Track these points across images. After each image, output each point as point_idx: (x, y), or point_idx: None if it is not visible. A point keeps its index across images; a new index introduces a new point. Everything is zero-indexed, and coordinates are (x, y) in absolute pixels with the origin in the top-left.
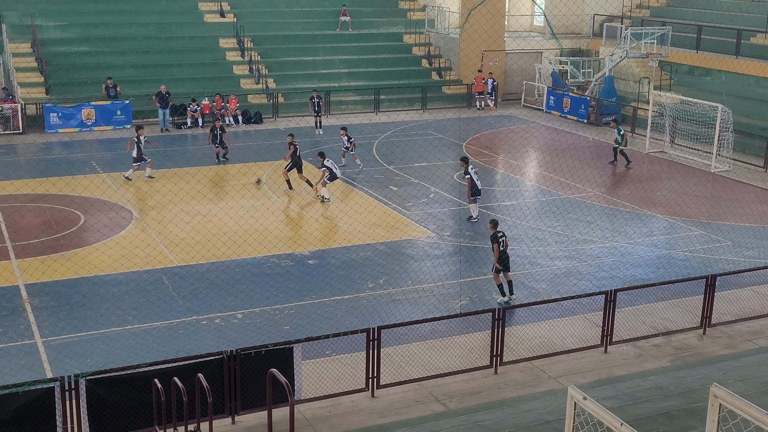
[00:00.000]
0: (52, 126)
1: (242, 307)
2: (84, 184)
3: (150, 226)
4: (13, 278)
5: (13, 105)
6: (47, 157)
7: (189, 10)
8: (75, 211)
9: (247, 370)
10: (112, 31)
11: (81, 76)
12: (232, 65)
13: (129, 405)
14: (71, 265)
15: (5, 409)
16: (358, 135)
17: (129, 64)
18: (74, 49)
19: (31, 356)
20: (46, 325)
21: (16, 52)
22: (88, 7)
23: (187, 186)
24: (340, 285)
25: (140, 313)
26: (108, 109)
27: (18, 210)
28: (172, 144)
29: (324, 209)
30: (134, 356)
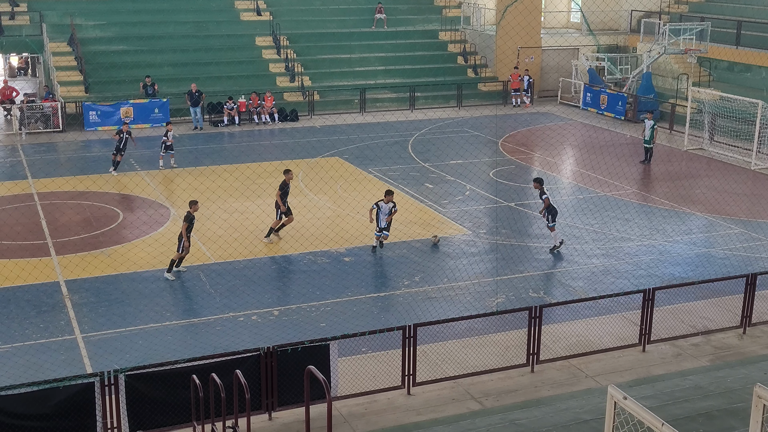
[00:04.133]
0: (91, 124)
1: (279, 304)
2: (123, 182)
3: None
4: (53, 275)
5: (53, 103)
6: (87, 155)
7: (226, 8)
8: (114, 208)
9: (283, 367)
10: (150, 30)
11: (119, 74)
12: (268, 63)
13: (167, 400)
14: (110, 262)
15: (46, 404)
16: (394, 132)
17: (166, 62)
18: (113, 47)
19: (72, 352)
20: (86, 320)
21: (56, 51)
22: (126, 6)
23: (224, 183)
24: (375, 282)
25: (178, 309)
26: (146, 107)
27: (58, 207)
28: (209, 142)
29: (359, 207)
30: (172, 352)
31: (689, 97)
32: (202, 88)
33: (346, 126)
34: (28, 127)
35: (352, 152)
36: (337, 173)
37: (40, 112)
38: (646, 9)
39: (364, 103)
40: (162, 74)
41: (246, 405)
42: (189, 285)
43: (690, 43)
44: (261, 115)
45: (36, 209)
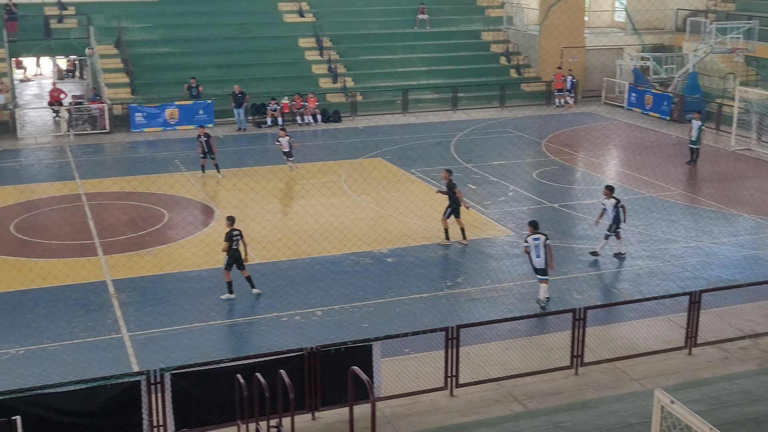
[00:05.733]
0: (137, 125)
1: (322, 304)
2: (168, 183)
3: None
4: (101, 274)
5: (100, 105)
6: (133, 156)
7: (269, 10)
8: (160, 208)
9: (327, 367)
10: (194, 32)
11: (165, 76)
12: (311, 64)
13: (212, 399)
14: (156, 262)
15: (94, 401)
16: (436, 133)
17: (211, 64)
18: (158, 50)
19: (118, 350)
20: (132, 319)
21: (103, 53)
22: (171, 9)
23: (268, 184)
24: (418, 283)
25: (222, 308)
26: (191, 108)
27: (106, 207)
28: (252, 143)
29: (402, 207)
30: (217, 351)
31: (736, 97)
32: (245, 90)
33: (388, 127)
34: (76, 129)
35: (395, 153)
36: (380, 174)
37: (88, 113)
38: (692, 7)
39: (407, 103)
40: (206, 76)
41: (290, 405)
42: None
43: (737, 42)
44: (304, 116)
45: (84, 210)
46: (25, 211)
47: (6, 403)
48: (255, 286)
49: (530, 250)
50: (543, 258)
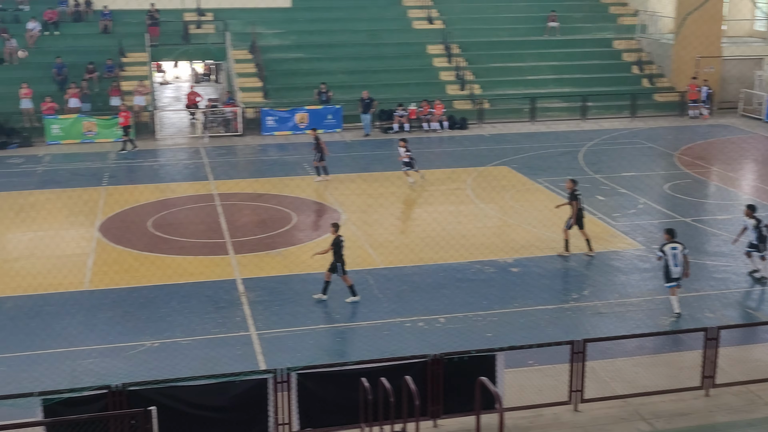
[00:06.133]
0: (268, 129)
1: (445, 311)
2: (297, 185)
3: (357, 227)
4: (231, 272)
5: (234, 108)
6: (263, 159)
7: (398, 17)
8: (288, 210)
9: (449, 375)
10: (326, 39)
11: (296, 81)
12: (439, 71)
13: (337, 401)
14: (284, 262)
15: (223, 396)
16: (564, 142)
17: (340, 69)
18: (290, 55)
19: (246, 347)
20: (260, 318)
21: (238, 58)
22: (304, 16)
23: (394, 189)
24: (543, 294)
25: (347, 311)
26: (320, 113)
27: (237, 208)
28: (379, 148)
29: (528, 217)
30: (341, 353)
31: None
32: (373, 95)
33: (515, 135)
34: (211, 131)
35: (521, 161)
36: (506, 182)
37: (222, 116)
38: None
39: (535, 111)
40: (336, 81)
41: (415, 411)
42: (357, 288)
43: None
44: (430, 123)
45: (216, 209)
46: (162, 209)
47: (142, 394)
48: (326, 293)
49: (668, 259)
50: (681, 267)
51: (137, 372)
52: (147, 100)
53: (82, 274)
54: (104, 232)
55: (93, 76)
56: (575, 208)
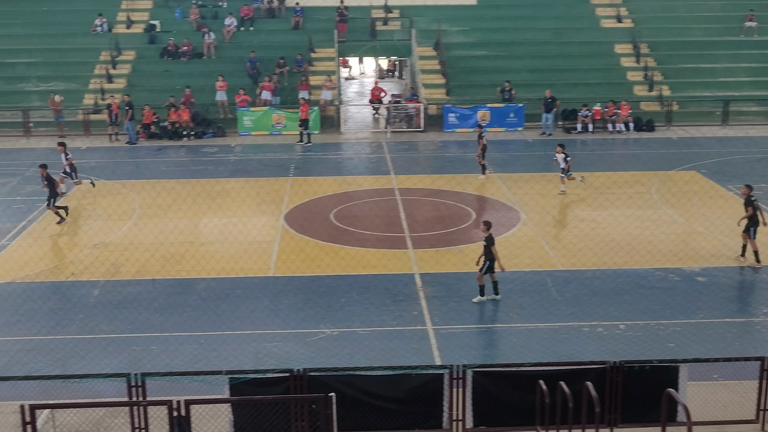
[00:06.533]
0: (449, 125)
1: (625, 318)
2: (476, 183)
3: (537, 227)
4: (409, 266)
5: (416, 105)
6: (443, 155)
7: (586, 15)
8: (466, 207)
9: (628, 383)
10: (510, 36)
11: (479, 78)
12: (626, 71)
13: (512, 401)
14: (461, 259)
15: (399, 388)
16: (758, 148)
17: (524, 68)
18: (474, 53)
19: (423, 341)
20: (436, 313)
21: (422, 55)
22: (489, 13)
23: (574, 191)
24: (731, 306)
25: (524, 312)
26: (502, 111)
27: (416, 203)
28: None
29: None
30: (516, 354)
31: None
32: (557, 95)
33: (705, 139)
34: (393, 126)
35: (711, 167)
36: (693, 188)
37: (405, 112)
38: None
39: (727, 115)
40: (519, 79)
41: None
42: (535, 290)
43: None
44: (615, 124)
45: (396, 203)
46: (343, 202)
47: (322, 380)
48: (497, 293)
49: None
50: None
51: (317, 358)
52: (333, 95)
53: (268, 261)
54: (289, 221)
55: (283, 71)
56: (750, 214)
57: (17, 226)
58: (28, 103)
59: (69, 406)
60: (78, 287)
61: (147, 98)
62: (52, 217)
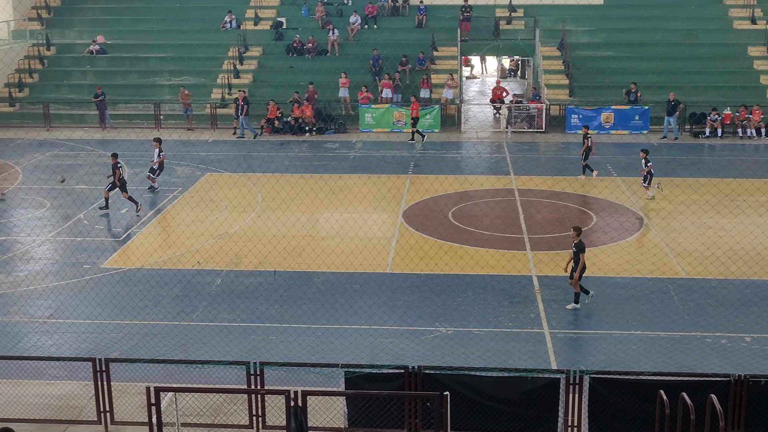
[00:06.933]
0: (572, 127)
1: (751, 330)
2: (598, 186)
3: (659, 234)
4: (527, 268)
5: (538, 105)
6: (565, 157)
7: (718, 16)
8: (587, 210)
9: (753, 398)
10: (637, 37)
11: (603, 80)
12: (759, 74)
13: (629, 410)
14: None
15: (514, 390)
16: None
17: (651, 69)
18: (599, 53)
19: (538, 344)
20: (554, 316)
21: (546, 55)
22: (616, 13)
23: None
24: None
25: (644, 319)
26: (627, 113)
27: (535, 205)
28: (687, 153)
29: None
30: (635, 362)
31: None
32: (685, 98)
33: None
34: (514, 126)
35: None
36: None
37: (526, 112)
38: None
39: None
40: (646, 81)
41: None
42: (656, 297)
43: None
44: (746, 129)
45: (515, 204)
46: (461, 201)
47: (436, 378)
48: (588, 295)
49: None
50: None
51: (431, 356)
52: (455, 94)
53: (386, 257)
54: (407, 219)
55: (405, 69)
56: None
57: (147, 214)
58: (159, 96)
59: (192, 390)
60: (202, 275)
61: (272, 94)
62: (181, 206)
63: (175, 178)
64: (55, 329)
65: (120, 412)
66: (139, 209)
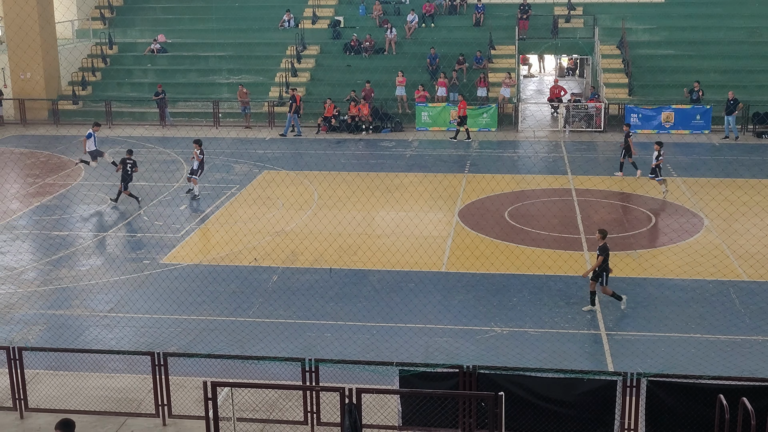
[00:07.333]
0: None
1: None
2: (657, 187)
3: (720, 236)
4: (584, 269)
5: (597, 104)
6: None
7: None
8: (646, 211)
9: None
10: (699, 35)
11: (664, 79)
12: None
13: (688, 414)
14: (639, 264)
15: (570, 392)
16: None
17: (713, 69)
18: (660, 52)
19: (595, 346)
20: (611, 318)
21: (605, 53)
22: (678, 11)
23: (762, 199)
24: None
25: (704, 322)
26: (687, 113)
27: (592, 205)
28: (749, 153)
29: None
30: (695, 365)
31: None
32: (748, 97)
33: None
34: (572, 126)
35: None
36: None
37: (584, 111)
38: None
39: None
40: (708, 80)
41: None
42: (717, 300)
43: None
44: None
45: (572, 204)
46: (518, 200)
47: (492, 378)
48: (594, 303)
49: None
50: None
51: (486, 356)
52: (512, 92)
53: (441, 256)
54: (463, 218)
55: (462, 67)
56: None
57: (205, 210)
58: (218, 94)
59: (248, 385)
60: (258, 272)
61: (329, 92)
62: (238, 203)
63: (233, 176)
64: (116, 323)
65: (177, 405)
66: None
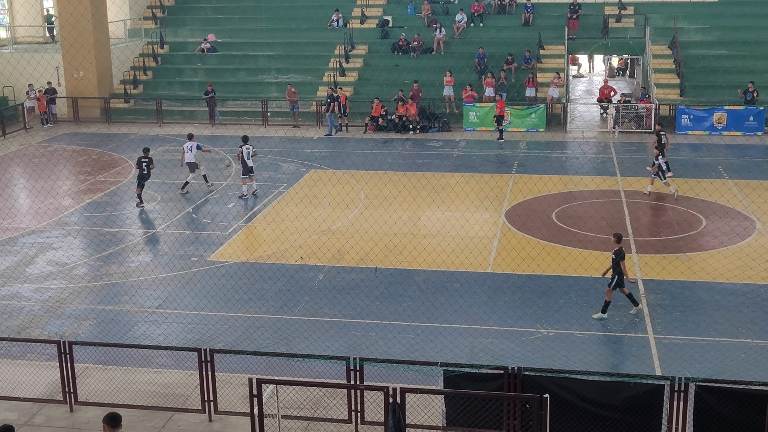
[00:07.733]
0: (682, 128)
1: None
2: (708, 189)
3: None
4: (633, 272)
5: (647, 105)
6: (675, 158)
7: None
8: (697, 214)
9: None
10: (753, 35)
11: (717, 79)
12: None
13: (737, 420)
14: (689, 267)
15: (616, 396)
16: None
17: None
18: (713, 52)
19: (642, 349)
20: (659, 321)
21: (656, 53)
22: (731, 10)
23: None
24: None
25: (755, 327)
26: (740, 114)
27: (641, 207)
28: None
29: None
30: (745, 371)
31: None
32: None
33: None
34: (622, 126)
35: None
36: None
37: (635, 112)
38: None
39: None
40: (761, 81)
41: None
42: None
43: None
44: None
45: (621, 206)
46: (566, 201)
47: (537, 380)
48: (637, 303)
49: None
50: None
51: (531, 358)
52: (561, 93)
53: (487, 257)
54: (509, 218)
55: (511, 67)
56: None
57: (253, 209)
58: (267, 93)
59: (293, 383)
60: (305, 270)
61: (377, 92)
62: (285, 202)
63: (281, 175)
64: (163, 319)
65: (223, 401)
66: (139, 206)
